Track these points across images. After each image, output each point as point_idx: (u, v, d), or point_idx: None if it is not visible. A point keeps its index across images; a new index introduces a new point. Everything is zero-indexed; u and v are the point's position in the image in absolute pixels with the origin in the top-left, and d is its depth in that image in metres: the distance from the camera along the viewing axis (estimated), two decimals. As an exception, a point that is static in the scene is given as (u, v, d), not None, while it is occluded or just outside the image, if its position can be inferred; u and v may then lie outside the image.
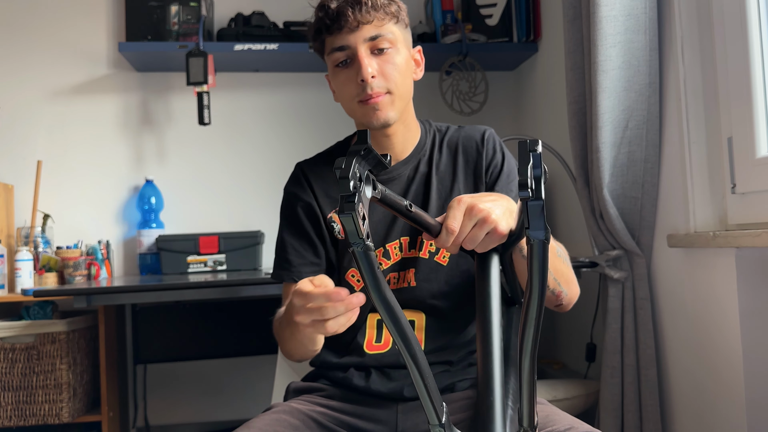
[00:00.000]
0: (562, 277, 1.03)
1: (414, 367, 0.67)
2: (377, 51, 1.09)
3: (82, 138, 2.49)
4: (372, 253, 0.64)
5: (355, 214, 0.61)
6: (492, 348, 0.82)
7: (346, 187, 0.62)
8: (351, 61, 1.10)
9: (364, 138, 0.67)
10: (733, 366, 1.39)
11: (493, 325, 0.85)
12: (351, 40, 1.08)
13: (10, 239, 2.33)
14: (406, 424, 1.07)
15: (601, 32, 1.59)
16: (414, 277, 1.11)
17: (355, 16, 1.07)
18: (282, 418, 1.02)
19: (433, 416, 0.68)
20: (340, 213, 0.62)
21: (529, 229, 0.61)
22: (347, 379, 1.11)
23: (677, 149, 1.56)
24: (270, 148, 2.58)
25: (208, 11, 2.47)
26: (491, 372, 0.81)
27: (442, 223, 0.89)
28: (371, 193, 0.69)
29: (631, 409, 1.64)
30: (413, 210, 0.84)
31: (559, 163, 2.07)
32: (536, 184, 0.61)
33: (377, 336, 1.13)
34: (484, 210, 0.87)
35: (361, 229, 0.62)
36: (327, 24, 1.09)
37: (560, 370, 2.20)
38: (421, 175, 1.16)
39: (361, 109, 1.10)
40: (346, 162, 0.64)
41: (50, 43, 2.49)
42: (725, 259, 1.40)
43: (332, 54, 1.11)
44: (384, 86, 1.09)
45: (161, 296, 1.80)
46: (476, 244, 0.89)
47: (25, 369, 1.98)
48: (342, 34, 1.08)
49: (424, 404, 0.68)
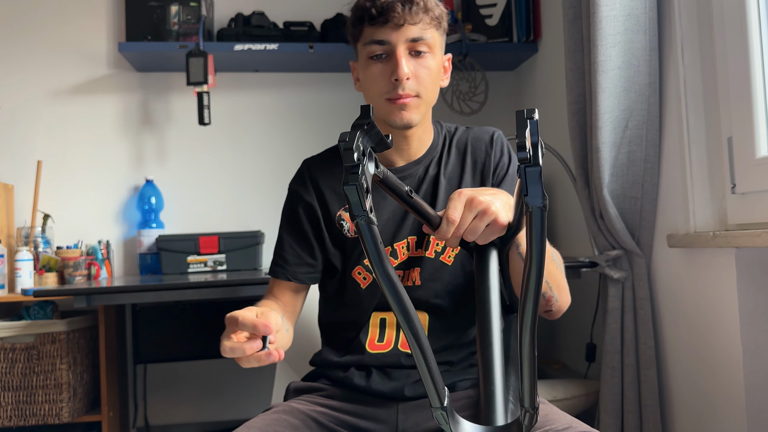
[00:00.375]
0: (554, 282, 1.03)
1: (416, 347, 0.66)
2: (414, 53, 1.08)
3: (82, 138, 2.49)
4: (374, 226, 0.64)
5: (358, 185, 0.61)
6: (492, 340, 0.83)
7: (350, 159, 0.62)
8: (387, 56, 1.08)
9: (367, 113, 0.66)
10: (732, 366, 1.39)
11: (493, 317, 0.85)
12: (393, 37, 1.07)
13: (10, 239, 2.33)
14: (407, 423, 1.07)
15: (601, 32, 1.59)
16: (419, 276, 1.11)
17: (404, 14, 1.06)
18: (282, 418, 1.02)
19: (435, 399, 0.68)
20: (344, 184, 0.62)
21: (527, 197, 0.60)
22: (348, 379, 1.11)
23: (677, 149, 1.56)
24: (270, 148, 2.59)
25: (208, 11, 2.47)
26: (491, 363, 0.81)
27: (443, 215, 0.90)
28: (374, 170, 0.69)
29: (631, 409, 1.64)
30: (413, 197, 0.84)
31: (559, 163, 2.07)
32: (533, 150, 0.60)
33: (380, 335, 1.13)
34: (484, 202, 0.88)
35: (365, 201, 0.62)
36: (372, 14, 1.07)
37: (560, 369, 2.20)
38: (431, 176, 1.16)
39: (387, 107, 1.09)
40: (350, 135, 0.64)
41: (50, 43, 2.49)
42: (725, 259, 1.40)
43: (369, 45, 1.09)
44: (415, 89, 1.08)
45: (161, 296, 1.80)
46: (477, 236, 0.90)
47: (25, 369, 1.98)
48: (385, 28, 1.07)
49: (426, 385, 0.67)
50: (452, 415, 0.70)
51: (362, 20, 1.10)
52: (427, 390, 0.68)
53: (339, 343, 1.16)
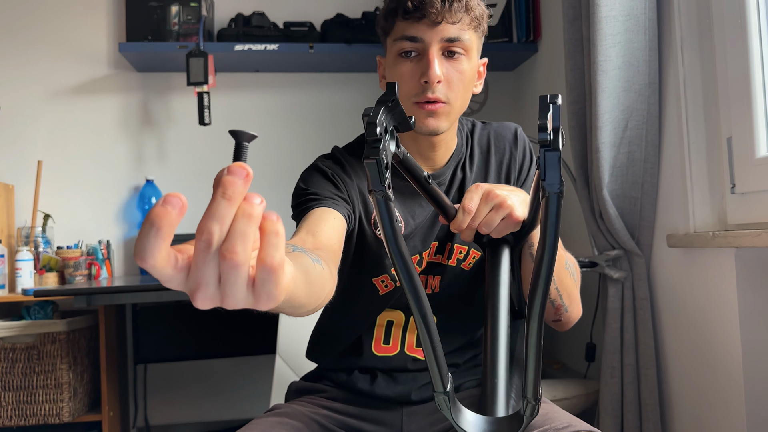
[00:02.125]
0: (566, 291, 1.02)
1: (424, 329, 0.65)
2: (448, 53, 1.00)
3: (83, 138, 2.50)
4: (391, 203, 0.62)
5: (380, 159, 0.60)
6: (499, 334, 0.83)
7: (373, 132, 0.61)
8: (418, 55, 1.00)
9: (393, 90, 0.65)
10: (732, 365, 1.39)
11: (501, 312, 0.85)
12: (427, 35, 0.98)
13: (11, 239, 2.33)
14: (411, 427, 1.06)
15: (601, 32, 1.59)
16: (439, 284, 1.09)
17: (443, 11, 0.96)
18: (284, 421, 1.01)
19: (439, 383, 0.68)
20: (365, 158, 0.60)
21: (544, 181, 0.59)
22: (351, 382, 1.09)
23: (677, 149, 1.57)
24: (270, 148, 2.59)
25: (209, 11, 2.47)
26: (497, 357, 0.81)
27: (459, 206, 0.90)
28: (394, 149, 0.68)
29: (631, 409, 1.64)
30: (431, 183, 0.83)
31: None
32: (554, 134, 0.59)
33: (385, 337, 1.10)
34: (500, 195, 0.88)
35: (384, 177, 0.60)
36: (407, 8, 0.98)
37: (560, 369, 2.21)
38: (458, 180, 1.12)
39: (414, 110, 1.01)
40: (374, 110, 0.63)
41: (51, 43, 2.49)
42: (725, 259, 1.40)
43: (400, 41, 1.00)
44: (445, 94, 0.99)
45: (161, 296, 1.81)
46: (491, 229, 0.90)
47: (25, 369, 1.99)
48: (420, 24, 0.98)
49: (430, 369, 0.67)
50: (454, 402, 0.70)
51: (395, 13, 1.00)
52: (431, 374, 0.67)
53: (341, 341, 1.13)
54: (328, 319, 1.18)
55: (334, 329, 1.15)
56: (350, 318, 1.12)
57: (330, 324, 1.17)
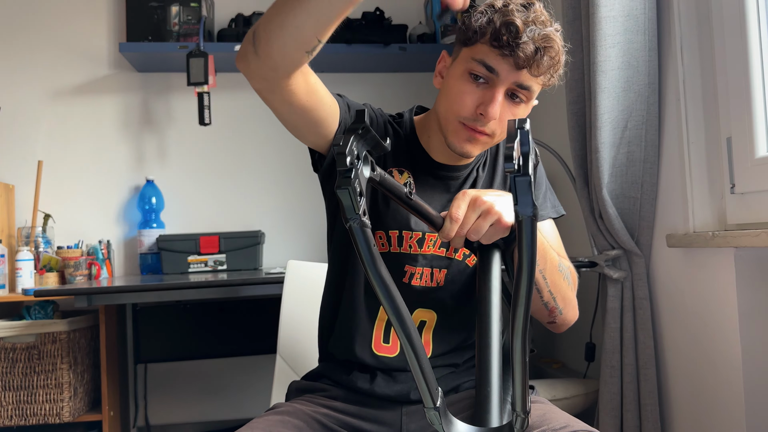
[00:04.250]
0: (560, 294, 1.03)
1: (410, 348, 0.67)
2: (512, 95, 1.00)
3: (83, 138, 2.50)
4: (368, 229, 0.64)
5: (351, 189, 0.62)
6: (491, 341, 0.83)
7: (343, 163, 0.62)
8: (485, 82, 0.99)
9: (362, 118, 0.67)
10: (732, 365, 1.39)
11: (492, 318, 0.85)
12: (504, 73, 0.97)
13: (11, 239, 2.33)
14: (411, 426, 1.06)
15: (601, 32, 1.59)
16: (444, 277, 1.10)
17: (531, 60, 0.96)
18: (285, 420, 1.01)
19: (428, 399, 0.69)
20: (336, 188, 0.62)
21: (517, 206, 0.61)
22: (351, 381, 1.09)
23: (676, 149, 1.57)
24: (270, 149, 2.59)
25: (209, 12, 2.47)
26: (489, 364, 0.81)
27: (446, 215, 0.90)
28: (369, 174, 0.69)
29: (631, 409, 1.64)
30: (413, 198, 0.84)
31: (559, 163, 2.07)
32: (524, 160, 0.61)
33: (385, 335, 1.10)
34: (488, 202, 0.88)
35: (358, 205, 0.62)
36: (501, 40, 0.95)
37: (559, 369, 2.21)
38: (472, 180, 1.14)
39: (457, 127, 1.02)
40: (343, 139, 0.64)
41: (51, 43, 2.49)
42: (724, 259, 1.40)
43: (476, 64, 0.98)
44: (492, 130, 1.01)
45: (162, 296, 1.81)
46: (480, 235, 0.90)
47: (25, 368, 1.99)
48: (503, 59, 0.96)
49: (419, 386, 0.69)
50: (445, 415, 0.71)
51: (485, 34, 0.97)
52: (420, 391, 0.69)
53: (342, 342, 1.12)
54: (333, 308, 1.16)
55: (339, 296, 1.13)
56: (348, 275, 1.10)
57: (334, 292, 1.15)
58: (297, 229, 2.58)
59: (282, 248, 2.55)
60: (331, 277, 1.17)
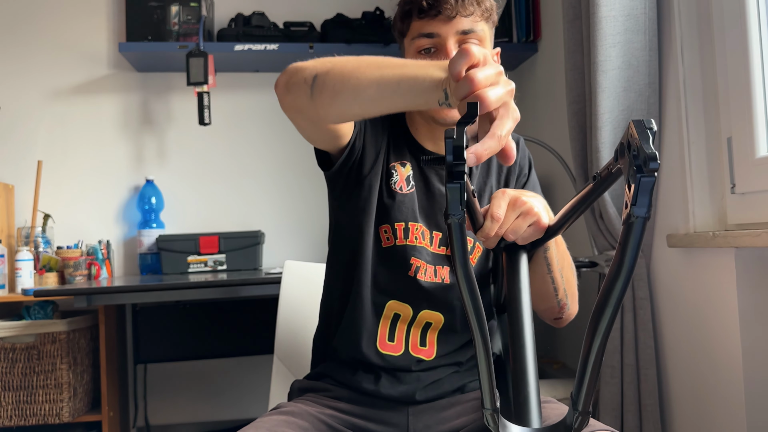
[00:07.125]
0: (571, 290, 1.04)
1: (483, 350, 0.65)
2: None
3: (83, 138, 2.50)
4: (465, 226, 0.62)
5: (463, 183, 0.59)
6: (525, 341, 0.82)
7: (460, 155, 0.59)
8: (436, 50, 1.04)
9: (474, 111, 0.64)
10: (732, 366, 1.39)
11: (525, 319, 0.84)
12: (443, 30, 1.03)
13: (11, 239, 2.33)
14: (418, 426, 1.06)
15: (601, 32, 1.59)
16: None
17: (456, 5, 1.02)
18: (290, 420, 1.00)
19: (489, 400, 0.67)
20: (448, 182, 0.59)
21: (635, 206, 0.58)
22: (355, 382, 1.09)
23: (677, 149, 1.57)
24: (270, 148, 2.59)
25: (209, 11, 2.47)
26: (525, 365, 0.80)
27: (485, 214, 0.89)
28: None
29: (631, 409, 1.64)
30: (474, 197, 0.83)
31: (559, 163, 2.07)
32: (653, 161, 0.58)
33: (390, 333, 1.09)
34: (527, 202, 0.88)
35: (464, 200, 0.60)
36: (422, 7, 1.03)
37: (560, 369, 2.21)
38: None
39: None
40: (457, 131, 0.61)
41: (51, 43, 2.49)
42: (725, 259, 1.40)
43: (418, 39, 1.05)
44: None
45: (161, 296, 1.81)
46: (518, 235, 0.89)
47: (25, 369, 1.99)
48: (435, 20, 1.03)
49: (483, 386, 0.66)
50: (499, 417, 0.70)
51: (411, 14, 1.05)
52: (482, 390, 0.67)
53: (346, 341, 1.10)
54: (335, 303, 1.15)
55: (345, 294, 1.12)
56: (355, 271, 1.10)
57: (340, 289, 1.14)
58: (297, 229, 2.58)
59: (282, 248, 2.55)
60: (333, 276, 1.16)
